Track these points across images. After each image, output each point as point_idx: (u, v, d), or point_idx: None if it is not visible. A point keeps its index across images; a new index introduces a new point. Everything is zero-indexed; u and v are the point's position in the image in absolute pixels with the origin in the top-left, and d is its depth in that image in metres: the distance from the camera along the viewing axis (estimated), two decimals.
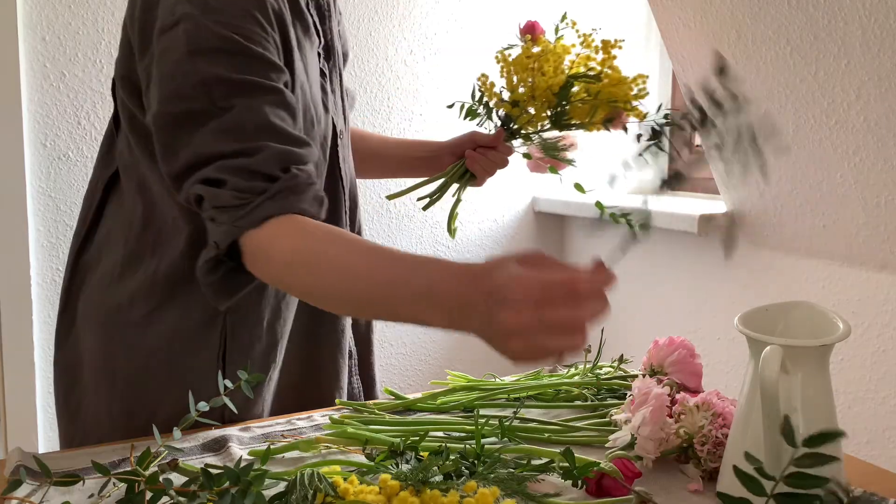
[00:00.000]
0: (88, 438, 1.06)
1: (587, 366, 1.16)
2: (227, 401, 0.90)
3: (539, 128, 1.21)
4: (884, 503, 0.81)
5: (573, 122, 1.18)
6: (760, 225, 1.95)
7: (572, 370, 1.18)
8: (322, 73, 1.10)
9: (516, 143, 1.26)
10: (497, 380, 1.15)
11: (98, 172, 1.12)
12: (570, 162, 1.26)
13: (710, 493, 0.83)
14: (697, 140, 2.37)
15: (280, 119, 0.91)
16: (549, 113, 1.17)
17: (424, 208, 1.23)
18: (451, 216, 1.27)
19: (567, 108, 1.17)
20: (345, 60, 1.23)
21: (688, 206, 2.16)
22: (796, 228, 1.86)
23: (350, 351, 1.20)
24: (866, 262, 1.75)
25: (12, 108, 1.85)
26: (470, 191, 2.69)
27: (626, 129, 1.18)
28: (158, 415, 1.00)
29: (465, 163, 1.24)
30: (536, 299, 0.69)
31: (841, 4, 1.51)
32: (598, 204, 1.16)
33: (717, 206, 2.10)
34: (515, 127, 1.21)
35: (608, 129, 1.19)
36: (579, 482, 0.82)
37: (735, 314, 0.81)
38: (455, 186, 1.27)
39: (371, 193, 2.30)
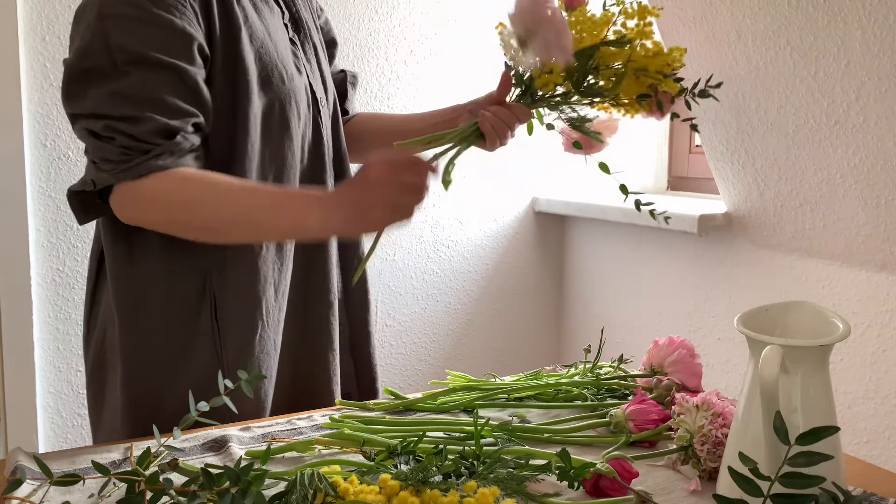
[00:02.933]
0: (115, 431, 1.13)
1: (587, 366, 1.16)
2: (227, 401, 0.90)
3: (560, 92, 1.09)
4: (883, 503, 0.81)
5: (601, 92, 1.08)
6: (760, 225, 1.95)
7: (572, 370, 1.18)
8: (292, 42, 1.19)
9: (548, 117, 1.15)
10: (497, 380, 1.15)
11: None
12: (599, 140, 1.14)
13: (709, 493, 0.83)
14: (698, 140, 2.37)
15: (170, 93, 1.01)
16: (571, 76, 1.06)
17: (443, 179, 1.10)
18: (448, 166, 1.10)
19: (593, 75, 1.07)
20: (332, 47, 1.32)
21: (688, 206, 2.16)
22: (796, 228, 1.86)
23: (343, 326, 1.26)
24: (866, 262, 1.75)
25: (12, 108, 1.85)
26: (470, 190, 2.69)
27: (661, 109, 1.08)
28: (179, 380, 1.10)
29: (476, 123, 1.13)
30: (388, 168, 0.98)
31: (841, 4, 1.51)
32: (623, 188, 1.12)
33: (717, 206, 2.10)
34: (535, 90, 1.09)
35: (643, 109, 1.09)
36: (576, 483, 0.82)
37: (735, 314, 0.81)
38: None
39: None
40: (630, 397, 1.06)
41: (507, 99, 1.14)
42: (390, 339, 2.39)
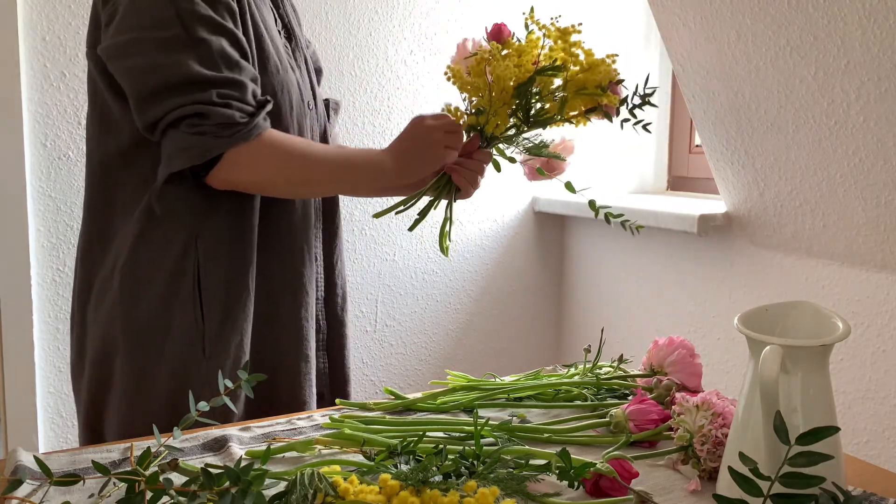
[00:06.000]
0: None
1: (587, 366, 1.16)
2: (227, 400, 0.91)
3: (512, 129, 1.17)
4: (883, 503, 0.81)
5: (549, 118, 1.15)
6: (760, 225, 1.95)
7: (572, 370, 1.18)
8: (285, 46, 1.24)
9: (509, 149, 1.23)
10: (497, 380, 1.15)
11: None
12: (560, 158, 1.23)
13: (709, 493, 0.83)
14: (698, 140, 2.37)
15: (240, 56, 1.10)
16: (516, 113, 1.15)
17: (410, 229, 1.20)
18: (442, 235, 1.21)
19: (536, 104, 1.14)
20: (318, 75, 1.36)
21: (688, 206, 2.16)
22: (796, 228, 1.86)
23: (319, 325, 1.28)
24: (866, 262, 1.75)
25: (12, 108, 1.85)
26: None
27: (610, 118, 1.15)
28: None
29: (448, 176, 1.20)
30: (432, 126, 1.17)
31: (841, 4, 1.51)
32: (592, 203, 1.20)
33: (717, 206, 2.10)
34: (487, 134, 1.18)
35: (591, 120, 1.17)
36: (576, 483, 0.82)
37: (735, 314, 0.81)
38: (443, 203, 1.22)
39: None
40: (630, 397, 1.06)
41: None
42: (390, 339, 2.39)
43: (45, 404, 1.96)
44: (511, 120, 1.15)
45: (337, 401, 1.11)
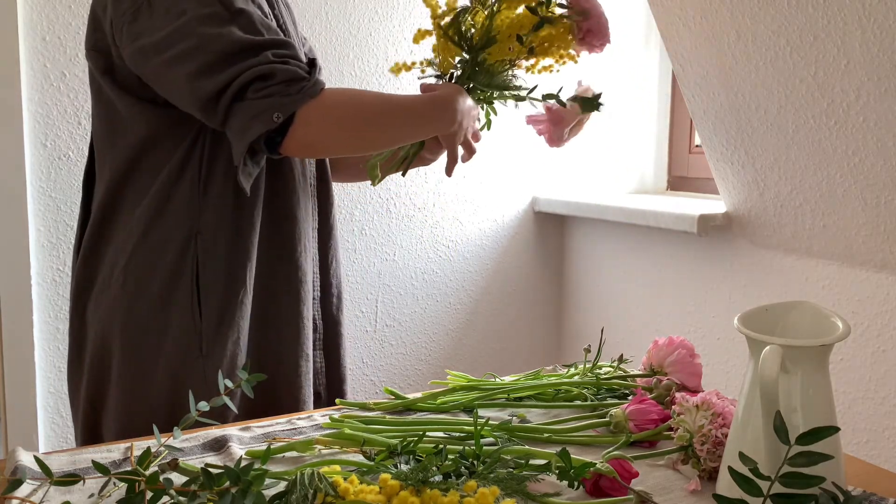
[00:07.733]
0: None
1: (587, 366, 1.16)
2: (227, 400, 0.91)
3: (461, 67, 1.21)
4: (883, 503, 0.81)
5: (489, 36, 1.18)
6: (760, 225, 1.95)
7: (572, 370, 1.18)
8: None
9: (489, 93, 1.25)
10: (497, 380, 1.15)
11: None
12: (561, 102, 1.21)
13: (709, 493, 0.83)
14: (698, 140, 2.37)
15: (272, 23, 1.11)
16: (451, 36, 1.21)
17: (403, 173, 1.23)
18: (374, 164, 1.22)
19: (474, 39, 1.19)
20: None
21: (688, 206, 2.16)
22: (796, 228, 1.86)
23: (316, 324, 1.28)
24: (866, 262, 1.75)
25: (12, 108, 1.85)
26: (470, 190, 2.68)
27: (541, 16, 1.16)
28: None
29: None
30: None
31: (841, 4, 1.51)
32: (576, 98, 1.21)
33: (717, 206, 2.10)
34: (448, 74, 1.23)
35: (573, 42, 1.18)
36: (575, 483, 0.82)
37: (735, 314, 0.81)
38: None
39: (371, 194, 2.30)
40: (630, 397, 1.06)
41: None
42: (390, 339, 2.39)
43: (45, 404, 1.96)
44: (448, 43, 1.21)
45: (337, 401, 1.11)
